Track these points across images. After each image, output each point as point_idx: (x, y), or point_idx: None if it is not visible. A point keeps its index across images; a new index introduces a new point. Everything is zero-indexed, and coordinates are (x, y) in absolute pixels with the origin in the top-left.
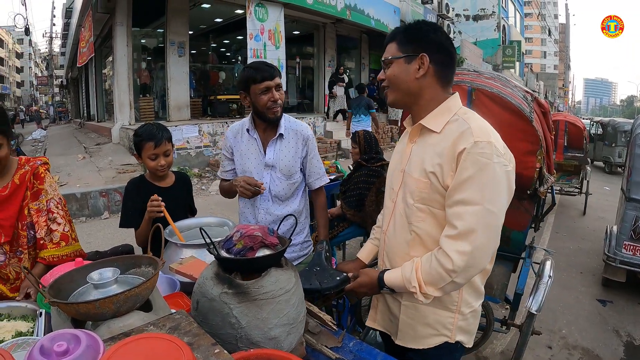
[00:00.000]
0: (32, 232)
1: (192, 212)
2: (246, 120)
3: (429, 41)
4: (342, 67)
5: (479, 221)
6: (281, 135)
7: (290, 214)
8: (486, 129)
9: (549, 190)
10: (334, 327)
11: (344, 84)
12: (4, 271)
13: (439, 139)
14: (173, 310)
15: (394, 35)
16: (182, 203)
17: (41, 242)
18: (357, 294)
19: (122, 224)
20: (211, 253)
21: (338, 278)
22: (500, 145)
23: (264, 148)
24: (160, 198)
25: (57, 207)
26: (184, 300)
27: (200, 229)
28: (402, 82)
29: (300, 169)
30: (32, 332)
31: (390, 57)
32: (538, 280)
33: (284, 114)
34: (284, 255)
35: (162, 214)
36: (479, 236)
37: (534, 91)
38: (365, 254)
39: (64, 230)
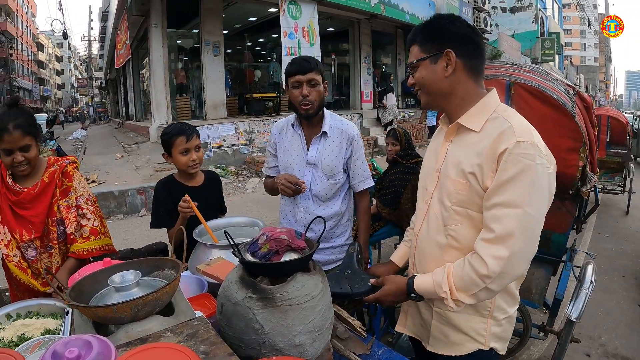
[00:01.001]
0: (62, 228)
1: (222, 210)
2: (292, 116)
3: (450, 35)
4: (391, 75)
5: (518, 225)
6: (325, 133)
7: (319, 216)
8: (528, 128)
9: (592, 190)
10: (363, 334)
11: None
12: (35, 266)
13: (479, 138)
14: (198, 313)
15: (413, 36)
16: (212, 202)
17: (71, 237)
18: (383, 302)
19: (153, 225)
20: (236, 256)
21: (369, 283)
22: (542, 146)
23: (308, 145)
24: (189, 199)
25: (87, 204)
26: (210, 301)
27: (225, 231)
28: (432, 84)
29: (344, 169)
30: (61, 329)
31: (415, 61)
32: (579, 286)
33: (329, 112)
34: (313, 258)
35: (193, 213)
36: (518, 241)
37: (574, 85)
38: (398, 256)
39: (93, 225)
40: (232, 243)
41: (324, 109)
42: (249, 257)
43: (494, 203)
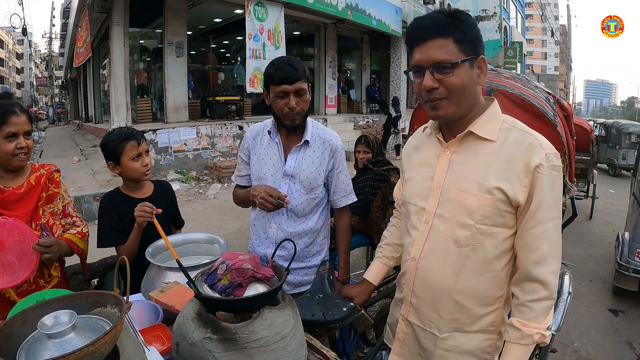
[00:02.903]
0: (45, 234)
1: (177, 224)
2: (269, 121)
3: (480, 39)
4: (400, 101)
5: (558, 236)
6: (307, 142)
7: (288, 239)
8: (545, 138)
9: (570, 199)
10: None
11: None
12: None
13: (497, 148)
14: (152, 349)
15: (444, 28)
16: (164, 214)
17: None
18: None
19: (100, 244)
20: (191, 289)
21: (344, 309)
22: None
23: (285, 154)
24: (152, 205)
25: (75, 212)
26: (165, 333)
27: (177, 261)
28: (470, 92)
29: (324, 183)
30: None
31: (458, 61)
32: (557, 298)
33: (311, 119)
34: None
35: (151, 219)
36: (560, 248)
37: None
38: (373, 275)
39: (82, 230)
40: (186, 274)
41: None
42: (207, 290)
43: (537, 221)
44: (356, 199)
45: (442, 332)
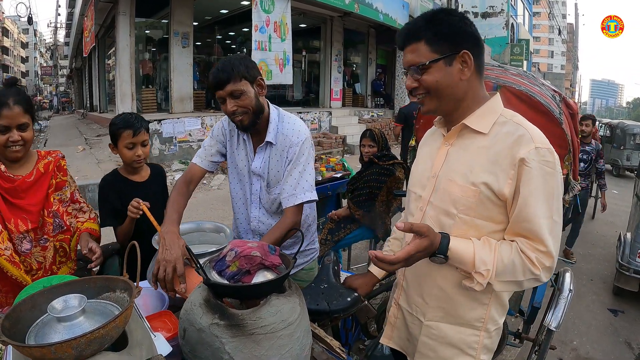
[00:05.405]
0: (57, 220)
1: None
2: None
3: (464, 35)
4: None
5: (555, 235)
6: (269, 143)
7: (295, 228)
8: (542, 134)
9: (574, 197)
10: (343, 355)
11: None
12: (28, 260)
13: (489, 142)
14: (159, 335)
15: (417, 33)
16: (159, 198)
17: (70, 227)
18: (410, 261)
19: (102, 225)
20: (199, 275)
21: (349, 299)
22: (556, 153)
23: (254, 152)
24: (141, 201)
25: (81, 197)
26: (171, 320)
27: (187, 248)
28: (447, 88)
29: None
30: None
31: (427, 62)
32: (558, 295)
33: (279, 114)
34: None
35: (142, 214)
36: (555, 252)
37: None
38: (378, 268)
39: (90, 216)
40: (196, 260)
41: (273, 110)
42: (215, 277)
43: (525, 216)
44: (310, 198)
45: (427, 319)
